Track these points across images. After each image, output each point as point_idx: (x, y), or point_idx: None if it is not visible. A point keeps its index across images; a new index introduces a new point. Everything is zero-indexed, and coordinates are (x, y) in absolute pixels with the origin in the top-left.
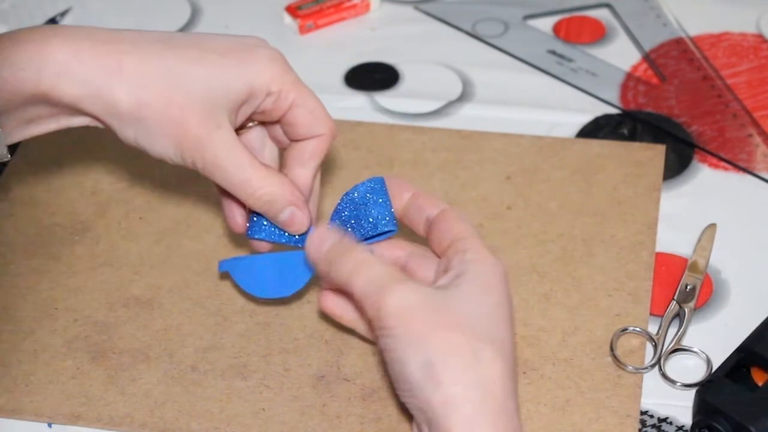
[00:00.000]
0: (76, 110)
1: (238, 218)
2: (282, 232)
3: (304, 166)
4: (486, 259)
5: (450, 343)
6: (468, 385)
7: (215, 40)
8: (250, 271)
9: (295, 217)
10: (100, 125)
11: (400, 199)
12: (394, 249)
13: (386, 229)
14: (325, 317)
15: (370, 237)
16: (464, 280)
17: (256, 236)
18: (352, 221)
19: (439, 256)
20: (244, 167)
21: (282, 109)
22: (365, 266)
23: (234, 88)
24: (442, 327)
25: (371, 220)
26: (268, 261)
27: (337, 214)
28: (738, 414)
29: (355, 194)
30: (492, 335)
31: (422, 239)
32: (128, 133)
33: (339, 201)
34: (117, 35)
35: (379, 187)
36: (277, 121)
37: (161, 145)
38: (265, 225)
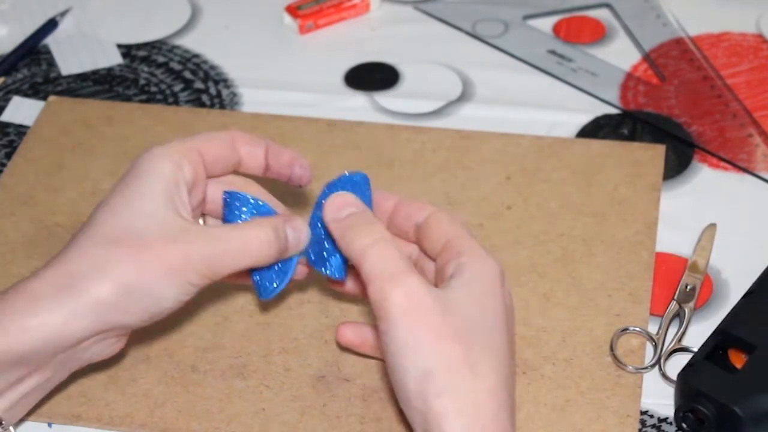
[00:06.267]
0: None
1: None
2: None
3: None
4: (481, 261)
5: (450, 354)
6: (462, 399)
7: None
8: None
9: (297, 233)
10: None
11: (384, 209)
12: (406, 246)
13: None
14: (325, 318)
15: None
16: (460, 283)
17: (273, 294)
18: None
19: (433, 260)
20: (232, 243)
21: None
22: (383, 245)
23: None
24: (443, 336)
25: None
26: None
27: (317, 209)
28: (722, 396)
29: (336, 185)
30: (488, 345)
31: None
32: (135, 312)
33: (321, 193)
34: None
35: (361, 181)
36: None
37: (167, 292)
38: (269, 274)
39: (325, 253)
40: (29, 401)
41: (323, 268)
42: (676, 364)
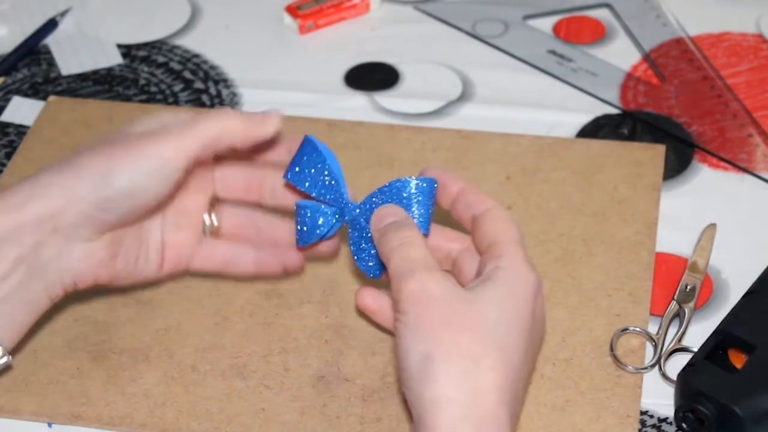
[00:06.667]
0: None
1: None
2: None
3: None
4: (518, 270)
5: (453, 343)
6: (459, 388)
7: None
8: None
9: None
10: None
11: (448, 192)
12: (452, 241)
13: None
14: (325, 318)
15: None
16: (490, 285)
17: (307, 242)
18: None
19: (481, 255)
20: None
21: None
22: (408, 246)
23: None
24: (450, 326)
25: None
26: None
27: (377, 194)
28: (722, 396)
29: (404, 185)
30: (500, 343)
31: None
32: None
33: (385, 183)
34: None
35: (428, 188)
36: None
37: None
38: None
39: (367, 249)
40: (15, 313)
41: (363, 267)
42: (676, 364)
